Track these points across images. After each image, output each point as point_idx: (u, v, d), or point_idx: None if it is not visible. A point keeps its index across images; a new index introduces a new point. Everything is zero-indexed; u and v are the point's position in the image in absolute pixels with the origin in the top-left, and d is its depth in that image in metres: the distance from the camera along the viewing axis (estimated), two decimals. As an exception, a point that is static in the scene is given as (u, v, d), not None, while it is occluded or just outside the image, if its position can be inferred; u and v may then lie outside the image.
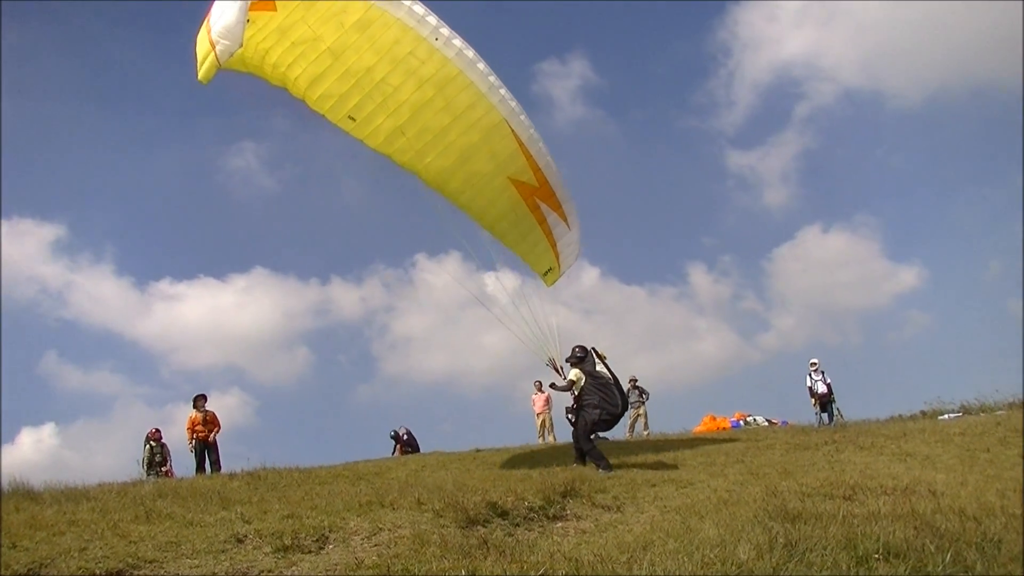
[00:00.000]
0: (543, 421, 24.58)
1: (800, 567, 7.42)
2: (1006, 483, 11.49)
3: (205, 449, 19.39)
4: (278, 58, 13.35)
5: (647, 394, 24.73)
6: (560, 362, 15.24)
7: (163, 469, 19.70)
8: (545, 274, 16.25)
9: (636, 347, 59.78)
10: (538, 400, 24.90)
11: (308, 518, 9.37)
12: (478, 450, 18.28)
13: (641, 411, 24.46)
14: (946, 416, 21.90)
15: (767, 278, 73.88)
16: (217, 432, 19.76)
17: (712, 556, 7.63)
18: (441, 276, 70.36)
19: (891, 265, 72.37)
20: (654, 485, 12.33)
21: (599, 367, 14.57)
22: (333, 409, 61.14)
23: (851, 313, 70.95)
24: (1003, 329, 60.17)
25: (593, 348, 14.68)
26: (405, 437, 24.69)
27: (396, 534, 8.79)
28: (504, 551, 8.13)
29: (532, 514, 10.17)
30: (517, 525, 9.74)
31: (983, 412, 21.84)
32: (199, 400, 19.92)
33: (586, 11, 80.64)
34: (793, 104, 73.73)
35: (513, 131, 14.36)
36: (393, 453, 23.94)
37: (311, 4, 12.97)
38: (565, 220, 15.57)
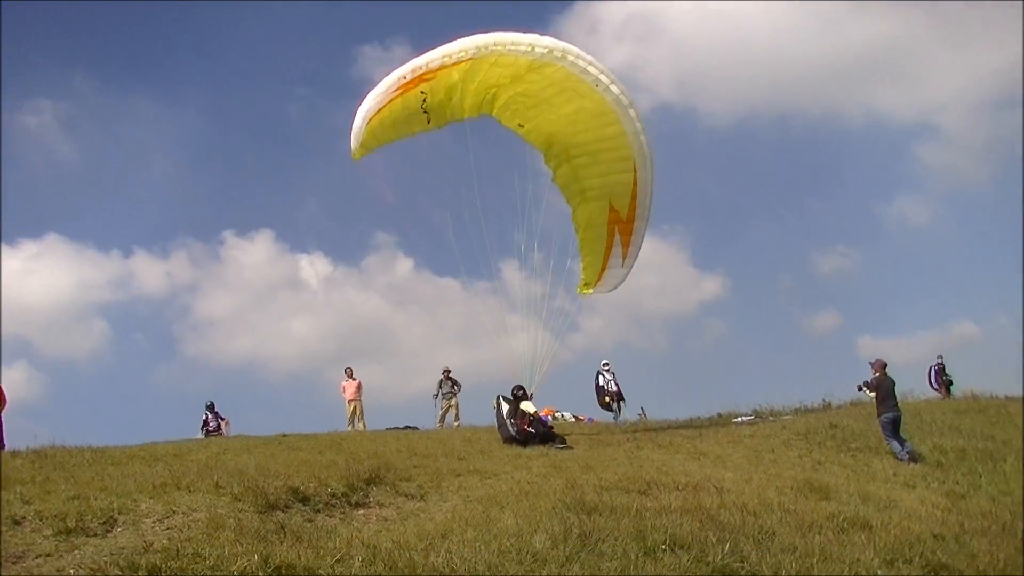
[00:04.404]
0: (354, 408, 24.36)
1: (592, 557, 7.75)
2: (785, 481, 12.39)
3: (-12, 425, 17.99)
4: (466, 93, 16.96)
5: (459, 386, 24.93)
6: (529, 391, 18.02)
7: (-63, 445, 18.17)
8: (583, 284, 19.13)
9: (450, 339, 60.00)
10: (349, 387, 24.68)
11: (96, 500, 8.93)
12: (284, 435, 17.81)
13: (453, 402, 24.65)
14: (739, 419, 23.12)
15: (576, 277, 75.55)
16: (3, 408, 18.39)
17: (509, 545, 7.84)
18: (251, 255, 68.12)
19: (697, 273, 75.81)
20: (459, 475, 12.47)
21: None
22: (130, 388, 58.18)
23: (657, 318, 73.68)
24: (790, 340, 64.70)
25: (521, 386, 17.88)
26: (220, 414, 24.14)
27: (190, 517, 8.53)
28: (301, 537, 8.04)
29: (334, 500, 10.10)
30: (318, 511, 9.64)
31: (772, 417, 23.26)
32: (-17, 373, 18.49)
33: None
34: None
35: (635, 169, 17.55)
36: (203, 427, 23.26)
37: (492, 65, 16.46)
38: (624, 257, 18.41)
